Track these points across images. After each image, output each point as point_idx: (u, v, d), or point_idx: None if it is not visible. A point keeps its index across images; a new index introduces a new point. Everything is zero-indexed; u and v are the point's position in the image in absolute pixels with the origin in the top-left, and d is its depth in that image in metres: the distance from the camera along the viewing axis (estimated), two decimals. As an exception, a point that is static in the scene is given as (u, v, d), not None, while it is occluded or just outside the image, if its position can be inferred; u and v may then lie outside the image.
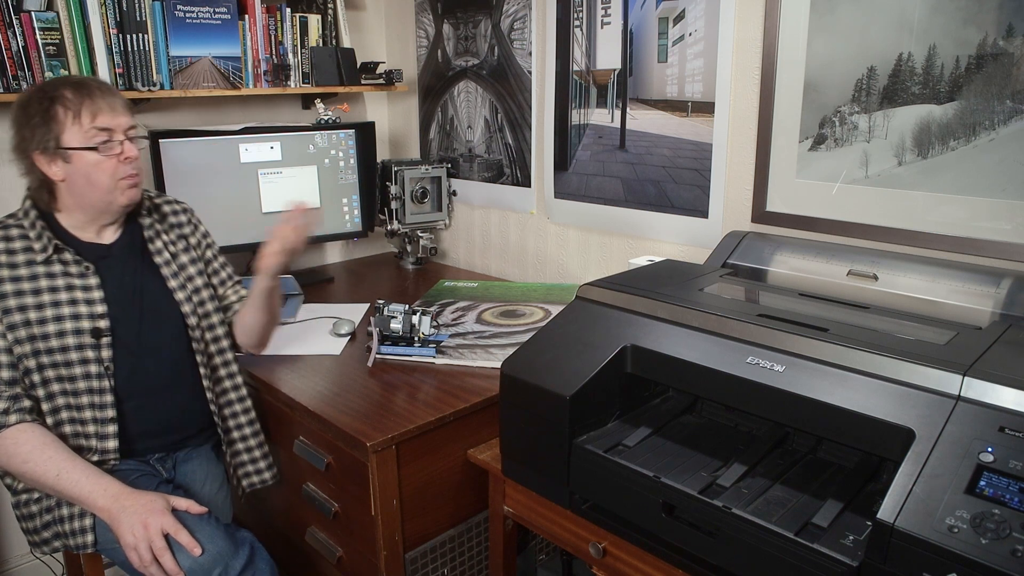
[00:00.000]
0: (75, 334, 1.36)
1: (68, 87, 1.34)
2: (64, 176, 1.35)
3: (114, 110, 1.36)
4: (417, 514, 1.49)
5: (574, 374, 1.20)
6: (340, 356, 1.74)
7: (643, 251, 1.97)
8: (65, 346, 1.36)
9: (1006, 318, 1.21)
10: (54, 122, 1.32)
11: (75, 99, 1.32)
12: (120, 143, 1.37)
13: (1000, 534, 0.79)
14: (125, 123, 1.38)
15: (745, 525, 0.99)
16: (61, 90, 1.33)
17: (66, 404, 1.37)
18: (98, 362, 1.38)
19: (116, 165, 1.37)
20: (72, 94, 1.33)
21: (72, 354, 1.36)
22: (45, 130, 1.31)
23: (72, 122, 1.32)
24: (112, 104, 1.36)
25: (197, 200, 2.12)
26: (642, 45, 1.87)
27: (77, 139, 1.33)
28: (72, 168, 1.34)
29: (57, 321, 1.35)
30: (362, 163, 2.39)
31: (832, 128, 1.53)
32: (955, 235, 1.40)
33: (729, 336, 1.14)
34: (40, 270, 1.36)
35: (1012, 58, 1.29)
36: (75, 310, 1.37)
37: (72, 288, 1.37)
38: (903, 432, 0.92)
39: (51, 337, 1.34)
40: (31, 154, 1.33)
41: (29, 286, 1.34)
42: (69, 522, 1.36)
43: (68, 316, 1.36)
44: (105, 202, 1.39)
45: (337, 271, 2.53)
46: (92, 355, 1.37)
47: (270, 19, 2.20)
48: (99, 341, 1.38)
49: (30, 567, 2.13)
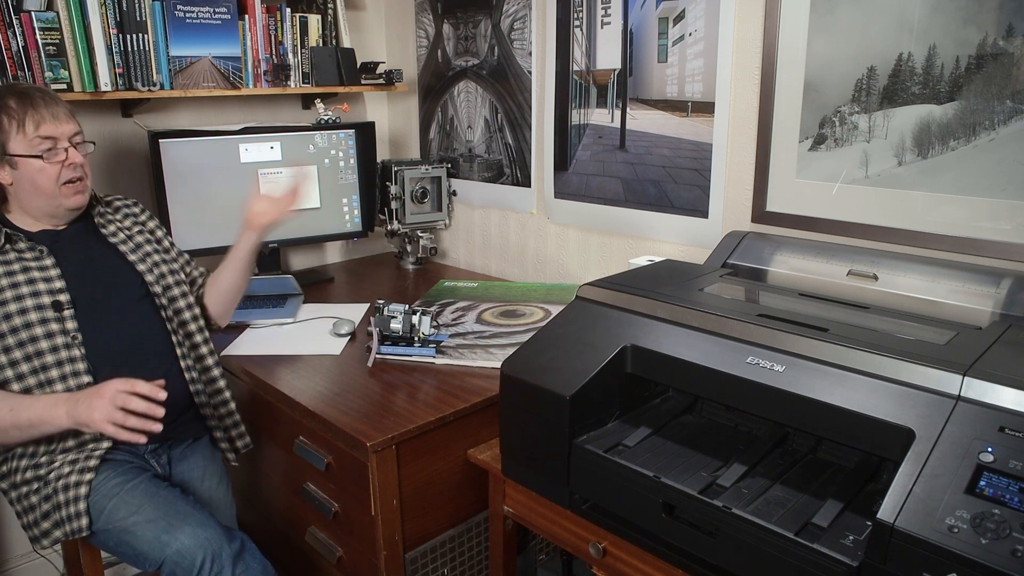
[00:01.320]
0: (37, 310, 1.40)
1: (12, 96, 1.40)
2: (11, 180, 1.42)
3: (57, 119, 1.42)
4: (417, 514, 1.49)
5: (574, 374, 1.20)
6: (340, 356, 1.74)
7: (643, 251, 1.97)
8: (28, 322, 1.39)
9: (1006, 318, 1.21)
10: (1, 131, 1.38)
11: (19, 108, 1.39)
12: (64, 150, 1.43)
13: (1000, 534, 0.79)
14: (69, 130, 1.44)
15: (745, 525, 0.99)
16: (6, 99, 1.39)
17: (38, 382, 1.39)
18: (63, 333, 1.41)
19: (59, 171, 1.43)
20: (16, 103, 1.39)
21: (37, 329, 1.39)
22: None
23: (17, 131, 1.39)
24: (55, 113, 1.42)
25: (197, 200, 2.14)
26: (642, 45, 1.87)
27: (22, 147, 1.39)
28: (19, 174, 1.41)
29: (17, 300, 1.39)
30: (362, 163, 2.39)
31: (832, 128, 1.53)
32: (955, 235, 1.40)
33: (729, 336, 1.14)
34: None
35: (1012, 58, 1.29)
36: (34, 288, 1.41)
37: (28, 270, 1.42)
38: (903, 432, 0.92)
39: (14, 316, 1.38)
40: None
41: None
42: (64, 508, 1.37)
43: (28, 294, 1.40)
44: (51, 205, 1.46)
45: (337, 271, 2.53)
46: (56, 327, 1.41)
47: (270, 19, 2.20)
48: (62, 313, 1.42)
49: (30, 567, 2.13)
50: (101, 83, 1.91)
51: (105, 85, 1.91)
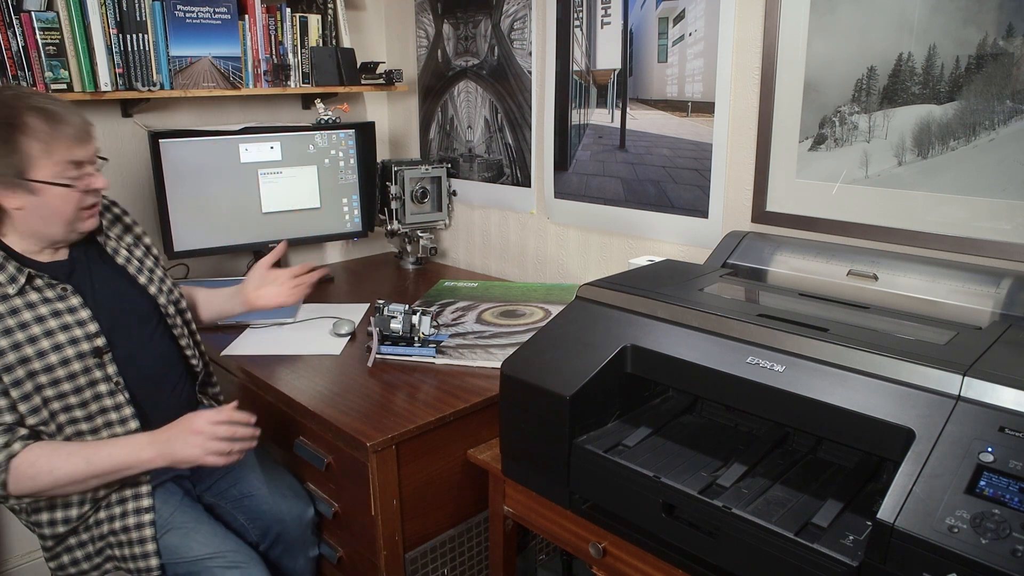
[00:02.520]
0: (79, 359, 1.30)
1: (35, 115, 1.22)
2: (22, 206, 1.25)
3: (84, 141, 1.28)
4: (417, 514, 1.49)
5: (574, 374, 1.20)
6: (340, 356, 1.74)
7: (643, 251, 1.97)
8: (72, 373, 1.29)
9: (1006, 318, 1.21)
10: (18, 153, 1.21)
11: (48, 130, 1.23)
12: (89, 175, 1.31)
13: (1000, 534, 0.79)
14: (94, 151, 1.32)
15: (745, 525, 0.99)
16: (27, 117, 1.21)
17: (91, 428, 1.34)
18: (107, 380, 1.34)
19: (82, 196, 1.30)
20: (42, 123, 1.22)
21: (80, 379, 1.31)
22: (9, 161, 1.21)
23: (43, 155, 1.23)
24: (82, 135, 1.28)
25: (197, 200, 2.14)
26: (642, 45, 1.87)
27: (47, 173, 1.24)
28: (35, 200, 1.25)
29: (57, 350, 1.28)
30: (362, 163, 2.39)
31: (832, 128, 1.53)
32: (955, 235, 1.40)
33: (729, 336, 1.14)
34: (18, 303, 1.26)
35: (1012, 58, 1.29)
36: (71, 335, 1.30)
37: (58, 314, 1.30)
38: (903, 432, 0.92)
39: (56, 368, 1.27)
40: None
41: (14, 322, 1.25)
42: (128, 547, 1.36)
43: (66, 343, 1.29)
44: (65, 231, 1.32)
45: (337, 271, 2.53)
46: (99, 375, 1.33)
47: (270, 19, 2.20)
48: (103, 359, 1.33)
49: (30, 567, 2.13)
50: (101, 83, 1.91)
51: (105, 85, 1.91)
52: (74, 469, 1.25)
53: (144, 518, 1.36)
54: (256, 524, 1.54)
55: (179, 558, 1.38)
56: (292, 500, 1.57)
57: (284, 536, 1.56)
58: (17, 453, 1.23)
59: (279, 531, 1.55)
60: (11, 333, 1.24)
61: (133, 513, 1.36)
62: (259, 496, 1.54)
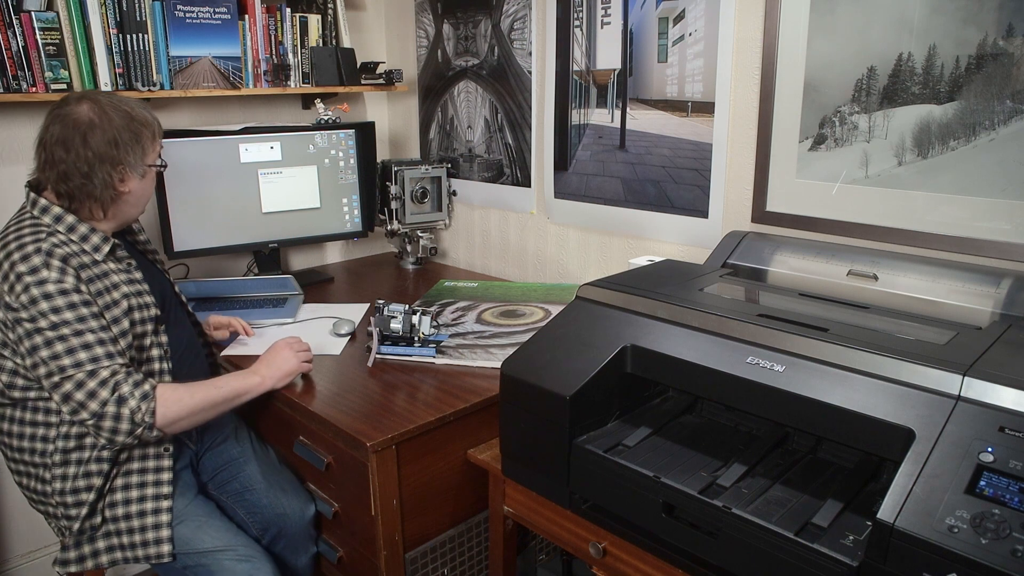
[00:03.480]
0: (143, 323, 1.43)
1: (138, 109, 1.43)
2: (131, 190, 1.43)
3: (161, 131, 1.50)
4: (417, 514, 1.49)
5: (574, 374, 1.20)
6: (340, 356, 1.74)
7: (643, 251, 1.97)
8: (142, 333, 1.43)
9: (1006, 318, 1.21)
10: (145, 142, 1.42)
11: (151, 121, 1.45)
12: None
13: (1000, 534, 0.79)
14: None
15: (745, 525, 0.99)
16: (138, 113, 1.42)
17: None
18: (159, 346, 1.47)
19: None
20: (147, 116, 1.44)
21: (145, 340, 1.44)
22: (137, 148, 1.41)
23: (153, 142, 1.45)
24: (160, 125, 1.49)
25: (197, 200, 2.14)
26: (642, 45, 1.87)
27: (154, 159, 1.47)
28: (143, 184, 1.45)
29: (139, 310, 1.42)
30: (362, 163, 2.39)
31: (832, 128, 1.53)
32: (955, 235, 1.40)
33: (729, 336, 1.14)
34: (105, 267, 1.39)
35: (1012, 58, 1.29)
36: (143, 300, 1.43)
37: (132, 282, 1.43)
38: (903, 432, 0.92)
39: (137, 325, 1.41)
40: (120, 167, 1.39)
41: (108, 283, 1.38)
42: (140, 533, 1.40)
43: (141, 306, 1.43)
44: (139, 213, 1.51)
45: (337, 271, 2.53)
46: (154, 341, 1.46)
47: (270, 19, 2.20)
48: (158, 328, 1.47)
49: (30, 567, 2.13)
50: (101, 83, 1.91)
51: (105, 85, 1.91)
52: (207, 393, 1.40)
53: (163, 504, 1.41)
54: (256, 519, 1.56)
55: (191, 549, 1.40)
56: (292, 496, 1.59)
57: (286, 532, 1.57)
58: (157, 384, 1.36)
59: (281, 526, 1.57)
60: (109, 291, 1.38)
61: (152, 499, 1.41)
62: (259, 491, 1.57)
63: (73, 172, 1.36)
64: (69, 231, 1.37)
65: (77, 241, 1.37)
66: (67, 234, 1.36)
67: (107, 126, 1.37)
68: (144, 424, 1.31)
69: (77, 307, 1.30)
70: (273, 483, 1.59)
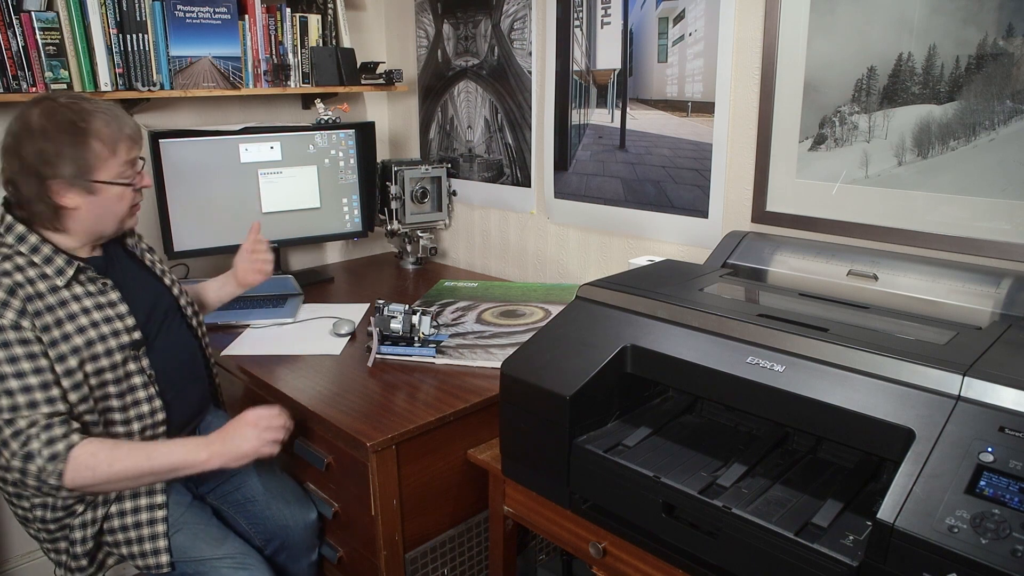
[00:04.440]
0: (120, 351, 1.34)
1: (102, 118, 1.29)
2: (78, 205, 1.30)
3: (139, 141, 1.36)
4: (417, 514, 1.49)
5: (574, 374, 1.20)
6: (340, 356, 1.74)
7: (643, 251, 1.97)
8: (114, 364, 1.33)
9: (1006, 318, 1.21)
10: (89, 155, 1.27)
11: (111, 133, 1.29)
12: (139, 173, 1.37)
13: (1000, 534, 0.79)
14: (140, 150, 1.38)
15: (745, 525, 0.99)
16: (93, 122, 1.28)
17: (124, 419, 1.37)
18: (141, 372, 1.38)
19: (135, 195, 1.38)
20: (106, 125, 1.29)
21: (120, 371, 1.35)
22: (76, 161, 1.26)
23: (108, 157, 1.29)
24: (137, 134, 1.35)
25: (197, 200, 2.14)
26: (642, 45, 1.87)
27: (111, 174, 1.30)
28: (94, 200, 1.30)
29: (102, 341, 1.32)
30: (362, 163, 2.39)
31: (832, 128, 1.53)
32: (955, 235, 1.40)
33: (729, 336, 1.13)
34: (66, 295, 1.30)
35: (1012, 58, 1.29)
36: (113, 327, 1.34)
37: (101, 307, 1.34)
38: (903, 432, 0.92)
39: (101, 358, 1.31)
40: (48, 180, 1.26)
41: (64, 313, 1.29)
42: (138, 543, 1.37)
43: (109, 335, 1.33)
44: (113, 228, 1.38)
45: (337, 271, 2.53)
46: (135, 367, 1.37)
47: (270, 19, 2.20)
48: (138, 352, 1.38)
49: (30, 567, 2.13)
50: (101, 83, 1.91)
51: (105, 85, 1.91)
52: (134, 464, 1.27)
53: (157, 514, 1.39)
54: (259, 529, 1.55)
55: (188, 557, 1.39)
56: (295, 505, 1.57)
57: (288, 542, 1.56)
58: (76, 444, 1.23)
59: (284, 538, 1.55)
60: (62, 324, 1.28)
61: (147, 509, 1.39)
62: (261, 501, 1.55)
63: (8, 182, 1.28)
64: (33, 252, 1.28)
65: (40, 264, 1.28)
66: (30, 255, 1.28)
67: (39, 135, 1.25)
68: (49, 485, 1.22)
69: (10, 346, 1.21)
70: (276, 494, 1.56)
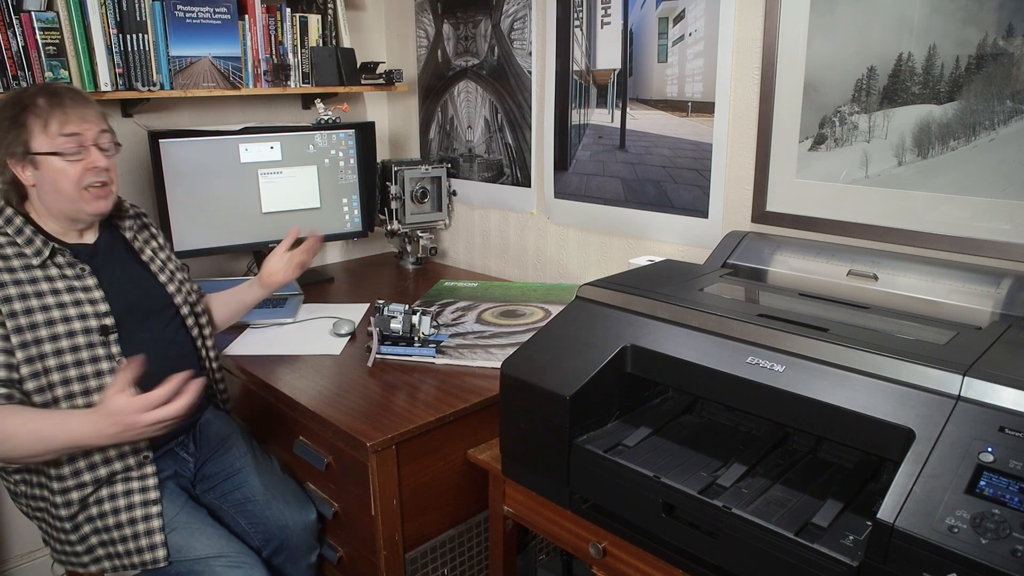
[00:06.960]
0: (84, 333, 1.36)
1: (42, 95, 1.35)
2: (34, 182, 1.36)
3: (84, 119, 1.37)
4: (417, 514, 1.49)
5: (574, 374, 1.20)
6: (340, 356, 1.74)
7: (643, 251, 1.97)
8: (76, 346, 1.36)
9: (1006, 318, 1.21)
10: (23, 128, 1.33)
11: (46, 107, 1.34)
12: (84, 148, 1.37)
13: (1000, 534, 0.79)
14: (95, 131, 1.39)
15: (745, 525, 0.99)
16: (35, 98, 1.34)
17: (87, 404, 1.37)
18: (109, 358, 1.39)
19: (82, 173, 1.37)
20: (44, 102, 1.34)
21: (83, 353, 1.36)
22: (15, 135, 1.33)
23: (41, 129, 1.33)
24: (83, 113, 1.37)
25: (197, 200, 2.14)
26: (642, 45, 1.87)
27: (45, 145, 1.34)
28: (40, 174, 1.35)
29: (66, 322, 1.35)
30: (362, 163, 2.39)
31: (832, 128, 1.53)
32: (955, 235, 1.40)
33: (729, 336, 1.13)
34: (39, 274, 1.35)
35: (1012, 58, 1.29)
36: (81, 310, 1.37)
37: (73, 290, 1.38)
38: (903, 432, 0.92)
39: (62, 338, 1.34)
40: (6, 159, 1.34)
41: (32, 289, 1.34)
42: (134, 540, 1.38)
43: (75, 317, 1.36)
44: (73, 209, 1.39)
45: (337, 271, 2.53)
46: (103, 352, 1.38)
47: (270, 19, 2.20)
48: (107, 338, 1.39)
49: (30, 567, 2.13)
50: (101, 83, 1.91)
51: (105, 85, 1.91)
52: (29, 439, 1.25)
53: (152, 510, 1.39)
54: (258, 529, 1.54)
55: (183, 556, 1.39)
56: (295, 506, 1.57)
57: (288, 542, 1.56)
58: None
59: (283, 538, 1.55)
60: (27, 299, 1.33)
61: (140, 505, 1.39)
62: (261, 501, 1.55)
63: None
64: (17, 233, 1.36)
65: (21, 244, 1.35)
66: (14, 236, 1.35)
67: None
68: None
69: None
70: (276, 494, 1.56)
